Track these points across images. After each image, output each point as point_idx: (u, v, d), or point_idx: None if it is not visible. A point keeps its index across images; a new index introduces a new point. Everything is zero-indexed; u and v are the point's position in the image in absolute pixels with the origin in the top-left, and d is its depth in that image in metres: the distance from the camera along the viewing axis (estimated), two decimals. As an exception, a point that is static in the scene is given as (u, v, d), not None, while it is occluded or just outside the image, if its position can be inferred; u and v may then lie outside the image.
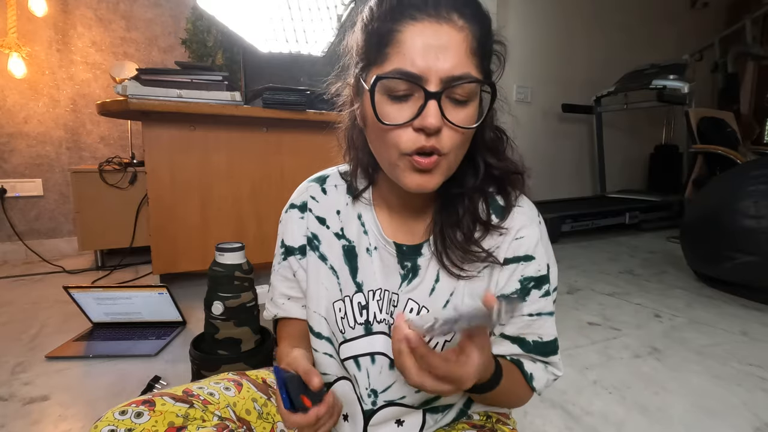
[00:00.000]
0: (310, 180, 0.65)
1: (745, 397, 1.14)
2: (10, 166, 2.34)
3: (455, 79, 0.44)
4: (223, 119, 1.74)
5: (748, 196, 1.82)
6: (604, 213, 3.13)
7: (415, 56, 0.43)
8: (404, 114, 0.45)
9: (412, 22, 0.44)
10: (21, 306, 1.72)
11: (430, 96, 0.43)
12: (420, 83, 0.44)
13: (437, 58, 0.43)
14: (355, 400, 0.58)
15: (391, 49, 0.45)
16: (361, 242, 0.59)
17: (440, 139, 0.45)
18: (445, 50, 0.43)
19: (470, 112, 0.46)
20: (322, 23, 2.41)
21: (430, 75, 0.43)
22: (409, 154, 0.46)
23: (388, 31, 0.45)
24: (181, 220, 1.75)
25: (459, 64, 0.44)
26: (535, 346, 0.56)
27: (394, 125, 0.46)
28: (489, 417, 0.64)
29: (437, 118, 0.44)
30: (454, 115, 0.45)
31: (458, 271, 0.53)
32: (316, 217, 0.61)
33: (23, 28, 2.28)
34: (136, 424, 0.45)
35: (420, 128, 0.45)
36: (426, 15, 0.44)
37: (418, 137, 0.45)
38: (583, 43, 3.66)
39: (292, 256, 0.63)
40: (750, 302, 1.85)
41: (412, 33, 0.44)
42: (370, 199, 0.60)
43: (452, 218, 0.54)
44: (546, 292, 0.55)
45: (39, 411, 1.04)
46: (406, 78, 0.44)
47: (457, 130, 0.46)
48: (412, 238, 0.57)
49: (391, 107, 0.46)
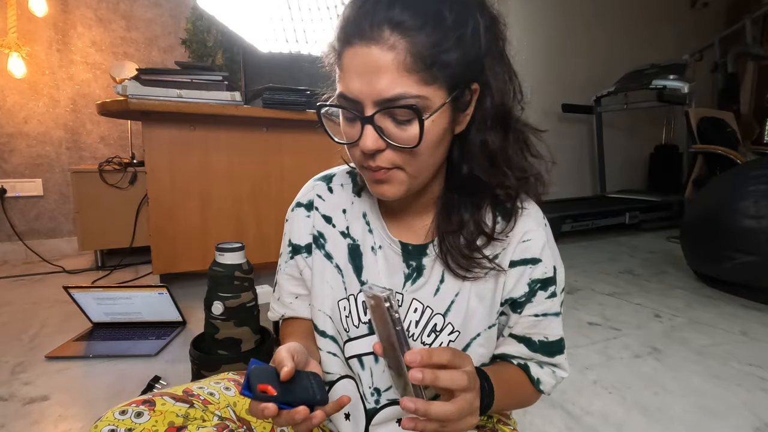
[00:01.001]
0: (317, 178, 0.65)
1: (745, 397, 1.14)
2: (10, 166, 2.34)
3: (387, 101, 0.43)
4: (223, 119, 1.74)
5: (748, 196, 1.82)
6: (604, 213, 3.13)
7: (349, 81, 0.45)
8: (354, 132, 0.47)
9: (348, 48, 0.45)
10: (21, 306, 1.72)
11: (365, 121, 0.45)
12: (356, 108, 0.45)
13: (369, 81, 0.43)
14: (358, 398, 0.58)
15: (340, 73, 0.47)
16: (366, 241, 0.59)
17: (384, 156, 0.47)
18: (376, 73, 0.43)
19: (414, 131, 0.44)
20: (322, 23, 2.41)
21: (364, 98, 0.44)
22: (364, 168, 0.49)
23: (337, 57, 0.47)
24: (181, 220, 1.75)
25: (389, 86, 0.42)
26: (541, 345, 0.56)
27: (346, 144, 0.49)
28: (490, 417, 0.64)
29: (372, 140, 0.45)
30: (397, 134, 0.45)
31: (464, 272, 0.53)
32: (322, 216, 0.61)
33: (23, 28, 2.28)
34: (136, 424, 0.45)
35: (361, 150, 0.46)
36: (358, 38, 0.43)
37: (365, 156, 0.47)
38: (583, 43, 3.66)
39: (299, 255, 0.63)
40: (750, 302, 1.85)
41: (349, 58, 0.45)
42: (374, 197, 0.60)
43: (453, 224, 0.54)
44: (552, 293, 0.55)
45: (39, 411, 1.04)
46: (344, 103, 0.46)
47: (403, 150, 0.46)
48: (416, 238, 0.57)
49: (346, 127, 0.49)
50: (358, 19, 0.44)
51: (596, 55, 3.74)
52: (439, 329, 0.55)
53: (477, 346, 0.55)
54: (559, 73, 3.55)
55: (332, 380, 0.61)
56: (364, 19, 0.43)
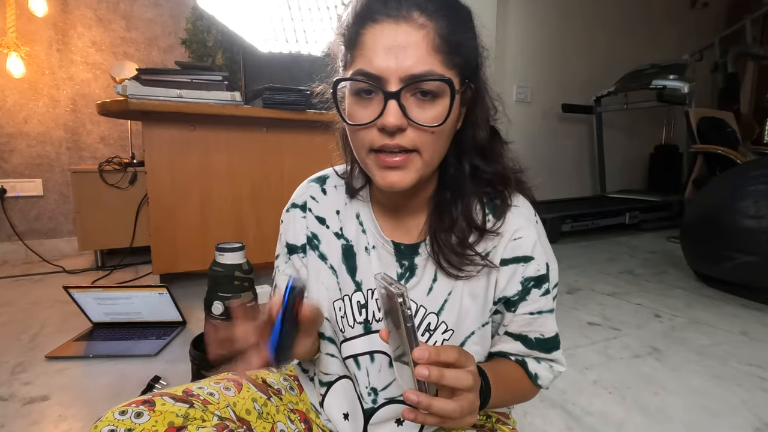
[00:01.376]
0: (310, 180, 0.65)
1: (745, 397, 1.14)
2: (10, 166, 2.34)
3: (415, 77, 0.44)
4: (223, 119, 1.74)
5: (748, 196, 1.82)
6: (604, 213, 3.13)
7: (374, 57, 0.44)
8: (369, 113, 0.46)
9: (372, 24, 0.45)
10: (21, 306, 1.72)
11: (389, 96, 0.44)
12: (379, 84, 0.45)
13: (396, 57, 0.44)
14: (355, 398, 0.58)
15: (356, 51, 0.47)
16: (359, 241, 0.59)
17: (405, 137, 0.46)
18: (404, 49, 0.44)
19: (438, 111, 0.46)
20: (322, 23, 2.41)
21: (390, 75, 0.44)
22: (376, 151, 0.47)
23: (354, 35, 0.47)
24: (181, 220, 1.75)
25: (419, 62, 0.44)
26: (537, 342, 0.56)
27: (360, 125, 0.47)
28: (489, 417, 0.64)
29: (396, 117, 0.44)
30: (419, 113, 0.45)
31: (456, 271, 0.53)
32: (316, 217, 0.62)
33: (23, 28, 2.28)
34: (136, 424, 0.45)
35: (381, 127, 0.45)
36: (385, 16, 0.44)
37: (382, 136, 0.46)
38: (583, 43, 3.66)
39: (295, 255, 0.63)
40: (750, 302, 1.85)
41: (373, 35, 0.45)
42: (368, 196, 0.60)
43: (445, 222, 0.54)
44: (546, 290, 0.55)
45: (39, 411, 1.04)
46: (365, 79, 0.45)
47: (423, 129, 0.46)
48: (409, 238, 0.57)
49: (359, 107, 0.47)
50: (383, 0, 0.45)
51: (596, 55, 3.75)
52: (433, 328, 0.55)
53: (471, 345, 0.55)
54: (559, 73, 3.55)
55: (331, 381, 0.61)
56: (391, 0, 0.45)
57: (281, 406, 0.61)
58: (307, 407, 0.64)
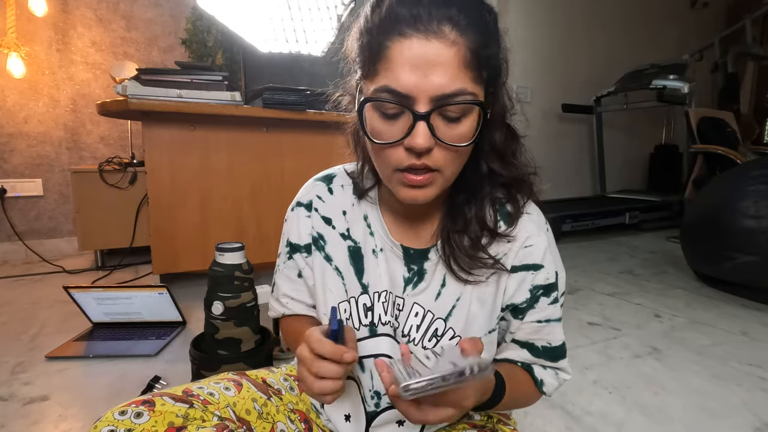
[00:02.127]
0: (317, 179, 0.64)
1: (745, 397, 1.14)
2: (10, 166, 2.34)
3: (446, 96, 0.42)
4: (223, 119, 1.74)
5: (748, 196, 1.82)
6: (604, 213, 3.13)
7: (402, 74, 0.42)
8: (395, 131, 0.44)
9: (401, 39, 0.42)
10: (21, 306, 1.72)
11: (419, 117, 0.43)
12: (408, 103, 0.43)
13: (426, 75, 0.42)
14: (359, 400, 0.58)
15: (381, 65, 0.44)
16: (367, 243, 0.58)
17: (431, 157, 0.45)
18: (434, 67, 0.41)
19: (465, 129, 0.45)
20: (322, 23, 2.41)
21: (419, 94, 0.42)
22: (402, 170, 0.46)
23: (378, 46, 0.44)
24: (181, 220, 1.75)
25: (450, 81, 0.42)
26: (544, 351, 0.56)
27: (386, 143, 0.45)
28: (490, 417, 0.64)
29: (426, 138, 0.43)
30: (446, 132, 0.44)
31: (466, 275, 0.53)
32: (321, 217, 0.61)
33: (23, 28, 2.28)
34: (136, 425, 0.45)
35: (409, 148, 0.44)
36: (415, 30, 0.42)
37: (409, 156, 0.45)
38: (583, 43, 3.66)
39: (298, 254, 0.62)
40: (750, 302, 1.85)
41: (401, 50, 0.42)
42: (377, 198, 0.60)
43: (459, 224, 0.53)
44: (554, 299, 0.55)
45: (39, 411, 1.04)
46: (392, 98, 0.43)
47: (450, 149, 0.45)
48: (418, 242, 0.57)
49: (383, 124, 0.45)
50: (411, 11, 0.42)
51: (596, 55, 3.74)
52: (440, 334, 0.55)
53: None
54: (559, 73, 3.55)
55: None
56: (421, 12, 0.42)
57: (281, 406, 0.61)
58: (307, 407, 0.64)
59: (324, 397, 0.45)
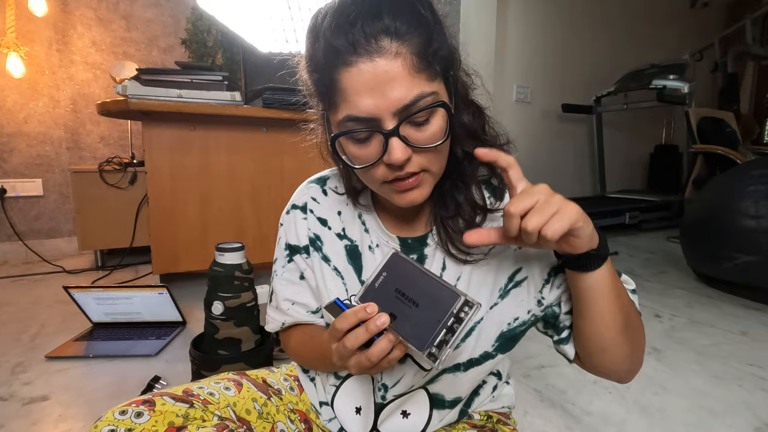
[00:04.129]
0: (310, 181, 0.65)
1: (745, 397, 1.14)
2: (10, 166, 2.34)
3: (407, 107, 0.43)
4: (223, 119, 1.74)
5: (748, 196, 1.82)
6: (604, 213, 3.13)
7: (360, 101, 0.43)
8: (372, 152, 0.46)
9: (347, 68, 0.42)
10: (21, 306, 1.72)
11: (389, 135, 0.44)
12: (374, 125, 0.44)
13: (383, 94, 0.42)
14: (370, 392, 0.58)
15: (338, 97, 0.45)
16: (363, 241, 0.59)
17: (413, 163, 0.46)
18: (387, 83, 0.42)
19: (435, 128, 0.45)
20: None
21: (382, 113, 0.43)
22: (389, 182, 0.48)
23: (330, 80, 0.44)
24: (181, 220, 1.75)
25: (407, 91, 0.42)
26: None
27: (366, 166, 0.47)
28: (490, 417, 0.64)
29: (402, 152, 0.44)
30: (419, 138, 0.45)
31: (465, 256, 0.53)
32: (317, 219, 0.61)
33: (23, 28, 2.28)
34: (136, 424, 0.45)
35: (389, 164, 0.45)
36: (357, 56, 0.42)
37: (392, 170, 0.46)
38: (584, 43, 3.66)
39: (298, 255, 0.62)
40: (750, 302, 1.85)
41: (350, 78, 0.43)
42: (369, 198, 0.60)
43: (450, 210, 0.54)
44: None
45: (39, 411, 1.04)
46: (358, 125, 0.44)
47: (428, 150, 0.46)
48: (415, 231, 0.58)
49: (358, 149, 0.46)
50: (347, 37, 0.42)
51: (596, 55, 3.75)
52: None
53: (479, 331, 0.54)
54: (559, 73, 3.55)
55: (349, 373, 0.60)
56: (356, 36, 0.42)
57: (281, 406, 0.61)
58: (307, 407, 0.64)
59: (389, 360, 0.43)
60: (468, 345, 0.54)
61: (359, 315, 0.42)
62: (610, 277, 0.47)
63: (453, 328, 0.41)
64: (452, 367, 0.55)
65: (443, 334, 0.41)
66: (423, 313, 0.43)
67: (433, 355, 0.41)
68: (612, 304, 0.48)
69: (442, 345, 0.41)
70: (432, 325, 0.41)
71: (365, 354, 0.42)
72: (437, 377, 0.56)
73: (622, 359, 0.52)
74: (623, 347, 0.51)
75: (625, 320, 0.49)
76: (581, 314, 0.51)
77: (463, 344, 0.54)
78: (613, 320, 0.49)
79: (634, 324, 0.52)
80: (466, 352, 0.54)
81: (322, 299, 0.60)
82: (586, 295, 0.48)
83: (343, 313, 0.44)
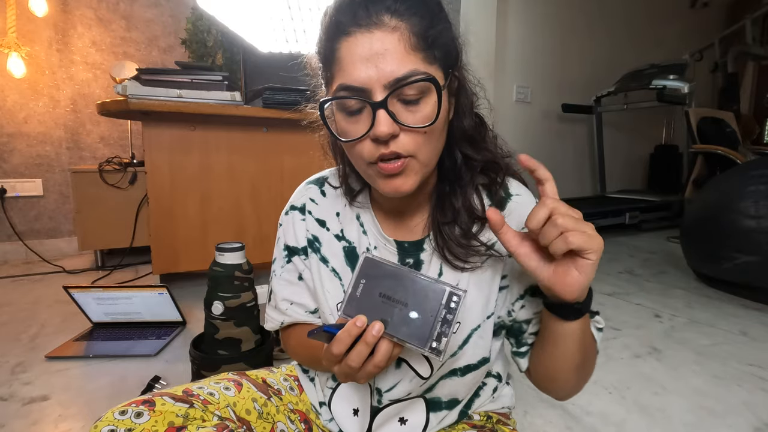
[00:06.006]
0: (309, 182, 0.65)
1: (745, 397, 1.14)
2: (10, 166, 2.34)
3: (399, 80, 0.43)
4: (223, 119, 1.74)
5: (748, 196, 1.81)
6: (604, 213, 3.13)
7: (353, 70, 0.44)
8: (360, 127, 0.46)
9: (346, 38, 0.45)
10: (21, 306, 1.72)
11: (376, 106, 0.44)
12: (364, 95, 0.45)
13: (375, 65, 0.43)
14: (367, 394, 0.58)
15: (335, 67, 0.46)
16: (361, 243, 0.59)
17: (398, 142, 0.46)
18: (382, 56, 0.43)
19: (426, 111, 0.46)
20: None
21: (372, 84, 0.44)
22: (374, 163, 0.47)
23: (329, 52, 0.47)
24: (181, 220, 1.75)
25: (399, 65, 0.43)
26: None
27: (353, 140, 0.47)
28: (489, 417, 0.64)
29: (387, 125, 0.44)
30: (408, 117, 0.45)
31: (461, 264, 0.53)
32: (315, 220, 0.61)
33: (23, 28, 2.28)
34: (136, 424, 0.45)
35: (375, 138, 0.45)
36: (356, 27, 0.44)
37: (378, 147, 0.46)
38: (583, 43, 3.66)
39: (297, 256, 0.62)
40: (750, 302, 1.85)
41: (348, 48, 0.44)
42: (368, 198, 0.60)
43: (448, 215, 0.54)
44: None
45: (39, 411, 1.04)
46: (349, 94, 0.45)
47: (416, 131, 0.46)
48: (412, 235, 0.57)
49: (348, 123, 0.47)
50: (351, 11, 0.44)
51: (596, 55, 3.74)
52: None
53: (477, 338, 0.55)
54: (559, 73, 3.55)
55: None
56: (358, 10, 0.44)
57: (281, 406, 0.61)
58: (307, 407, 0.64)
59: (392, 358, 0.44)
60: (466, 352, 0.54)
61: (352, 333, 0.42)
62: (582, 328, 0.49)
63: (447, 319, 0.42)
64: (449, 373, 0.56)
65: (440, 326, 0.42)
66: (414, 312, 0.43)
67: (436, 349, 0.42)
68: (575, 347, 0.50)
69: (441, 337, 0.42)
70: (427, 321, 0.42)
71: (371, 363, 0.43)
72: (435, 384, 0.56)
73: (567, 390, 0.56)
74: (571, 381, 0.54)
75: (582, 361, 0.52)
76: (544, 349, 0.53)
77: (461, 351, 0.54)
78: (571, 361, 0.51)
79: (590, 362, 0.55)
80: (464, 358, 0.55)
81: (320, 300, 0.60)
82: (555, 338, 0.50)
83: (336, 338, 0.43)
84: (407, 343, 0.42)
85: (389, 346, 0.43)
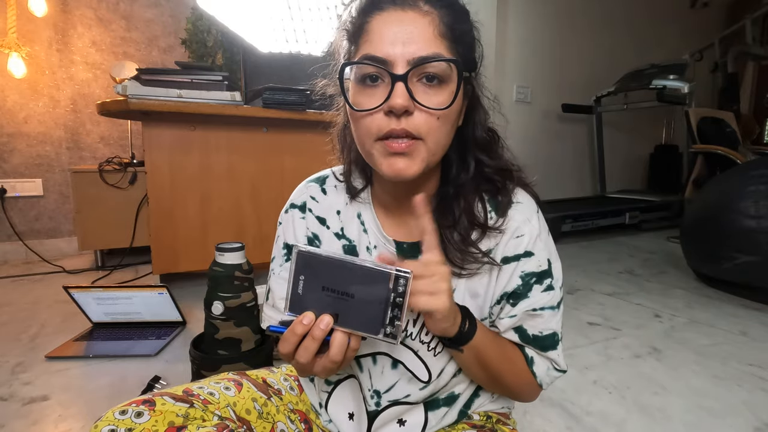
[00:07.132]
0: (309, 180, 0.65)
1: (745, 397, 1.14)
2: (10, 166, 2.34)
3: (422, 59, 0.45)
4: (223, 119, 1.74)
5: (748, 196, 1.82)
6: (604, 213, 3.13)
7: (380, 42, 0.45)
8: (375, 100, 0.46)
9: (379, 12, 0.47)
10: (21, 306, 1.72)
11: (396, 78, 0.45)
12: (386, 67, 0.45)
13: (403, 42, 0.45)
14: (360, 398, 0.58)
15: (362, 39, 0.48)
16: (361, 241, 0.59)
17: (411, 121, 0.46)
18: (410, 34, 0.45)
19: (444, 96, 0.46)
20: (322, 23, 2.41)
21: (397, 59, 0.45)
22: (382, 138, 0.47)
23: (360, 25, 0.48)
24: (181, 220, 1.75)
25: (426, 46, 0.45)
26: (534, 339, 0.55)
27: (366, 111, 0.47)
28: (489, 417, 0.64)
29: (404, 98, 0.44)
30: (425, 97, 0.46)
31: (458, 269, 0.53)
32: (316, 218, 0.61)
33: (23, 28, 2.28)
34: (136, 424, 0.45)
35: (389, 110, 0.45)
36: (392, 4, 0.46)
37: (389, 120, 0.46)
38: (583, 43, 3.66)
39: None
40: (750, 302, 1.85)
41: (379, 22, 0.46)
42: (369, 197, 0.60)
43: (449, 219, 0.54)
44: (548, 286, 0.55)
45: (39, 411, 1.04)
46: (372, 62, 0.46)
47: (430, 113, 0.46)
48: (412, 236, 0.57)
49: (364, 95, 0.47)
50: None
51: (596, 55, 3.75)
52: None
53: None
54: (559, 73, 3.55)
55: (339, 379, 0.61)
56: None
57: (281, 406, 0.61)
58: (307, 407, 0.64)
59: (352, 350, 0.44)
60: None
61: (298, 332, 0.42)
62: (474, 354, 0.52)
63: (397, 303, 0.42)
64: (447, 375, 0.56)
65: (390, 311, 0.42)
66: (362, 301, 0.42)
67: (391, 334, 0.42)
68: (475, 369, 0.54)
69: (394, 321, 0.42)
70: (376, 309, 0.42)
71: (327, 358, 0.43)
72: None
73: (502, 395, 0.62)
74: (496, 391, 0.61)
75: (490, 378, 0.55)
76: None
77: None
78: (479, 378, 0.56)
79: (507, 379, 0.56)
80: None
81: None
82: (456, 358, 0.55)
83: (282, 337, 0.43)
84: (360, 333, 0.42)
85: (343, 339, 0.43)
